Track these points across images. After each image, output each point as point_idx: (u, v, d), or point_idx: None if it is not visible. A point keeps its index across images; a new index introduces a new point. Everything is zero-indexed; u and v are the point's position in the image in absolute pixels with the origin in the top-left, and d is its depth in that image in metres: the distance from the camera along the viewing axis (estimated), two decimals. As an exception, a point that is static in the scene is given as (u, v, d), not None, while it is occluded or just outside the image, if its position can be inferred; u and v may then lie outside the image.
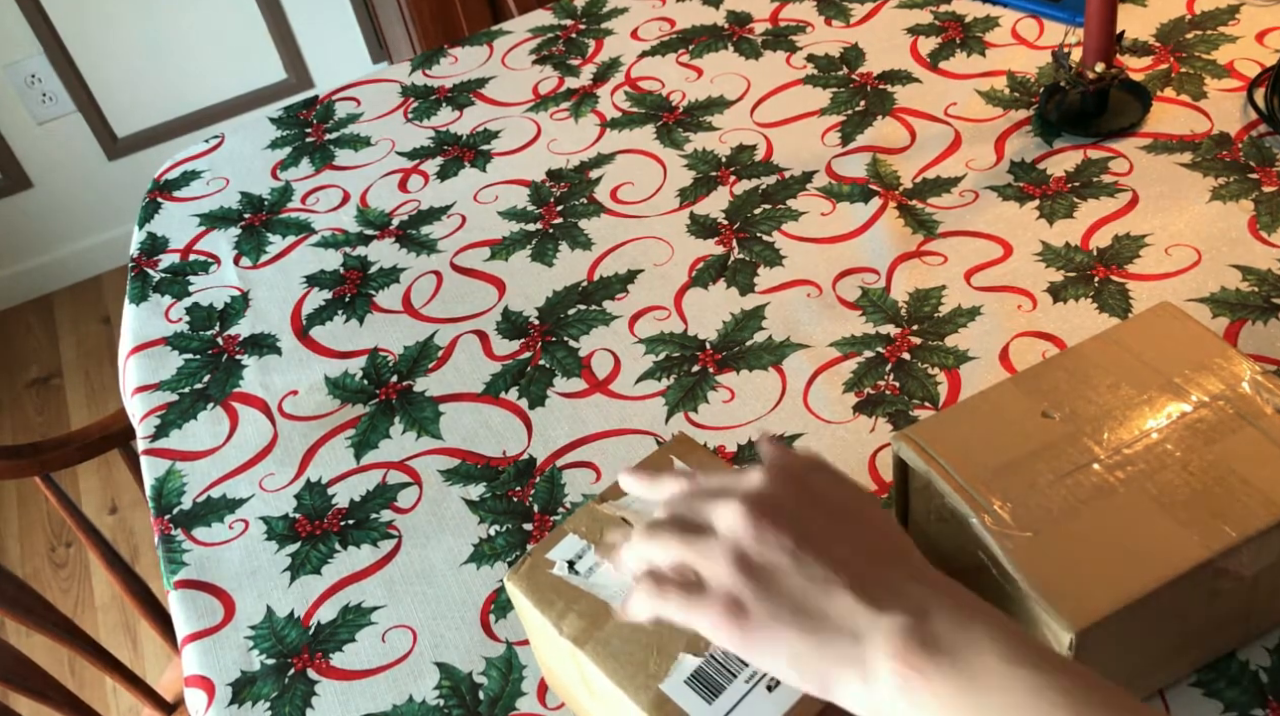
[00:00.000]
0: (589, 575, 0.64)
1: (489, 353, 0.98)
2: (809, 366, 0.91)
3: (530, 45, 1.31)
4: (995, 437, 0.68)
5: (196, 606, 0.85)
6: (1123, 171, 1.01)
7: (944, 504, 0.67)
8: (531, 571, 0.64)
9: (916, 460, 0.68)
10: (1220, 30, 1.13)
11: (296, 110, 1.30)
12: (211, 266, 1.13)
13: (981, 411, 0.70)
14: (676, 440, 0.69)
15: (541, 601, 0.63)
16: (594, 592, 0.63)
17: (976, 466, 0.66)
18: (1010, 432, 0.68)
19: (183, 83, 2.51)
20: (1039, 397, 0.70)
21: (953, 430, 0.69)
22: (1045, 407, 0.69)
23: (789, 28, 1.26)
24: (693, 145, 1.13)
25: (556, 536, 0.66)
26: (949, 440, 0.68)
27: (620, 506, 0.66)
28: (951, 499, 0.66)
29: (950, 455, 0.67)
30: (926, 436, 0.69)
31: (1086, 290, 0.92)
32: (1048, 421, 0.68)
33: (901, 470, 0.72)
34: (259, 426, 0.96)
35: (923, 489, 0.70)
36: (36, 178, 2.50)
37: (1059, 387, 0.70)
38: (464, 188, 1.14)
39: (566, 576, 0.64)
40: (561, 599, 0.63)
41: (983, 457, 0.67)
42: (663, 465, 0.68)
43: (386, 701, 0.77)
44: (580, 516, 0.66)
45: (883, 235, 1.00)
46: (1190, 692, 0.68)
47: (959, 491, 0.65)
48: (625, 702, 0.59)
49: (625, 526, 0.65)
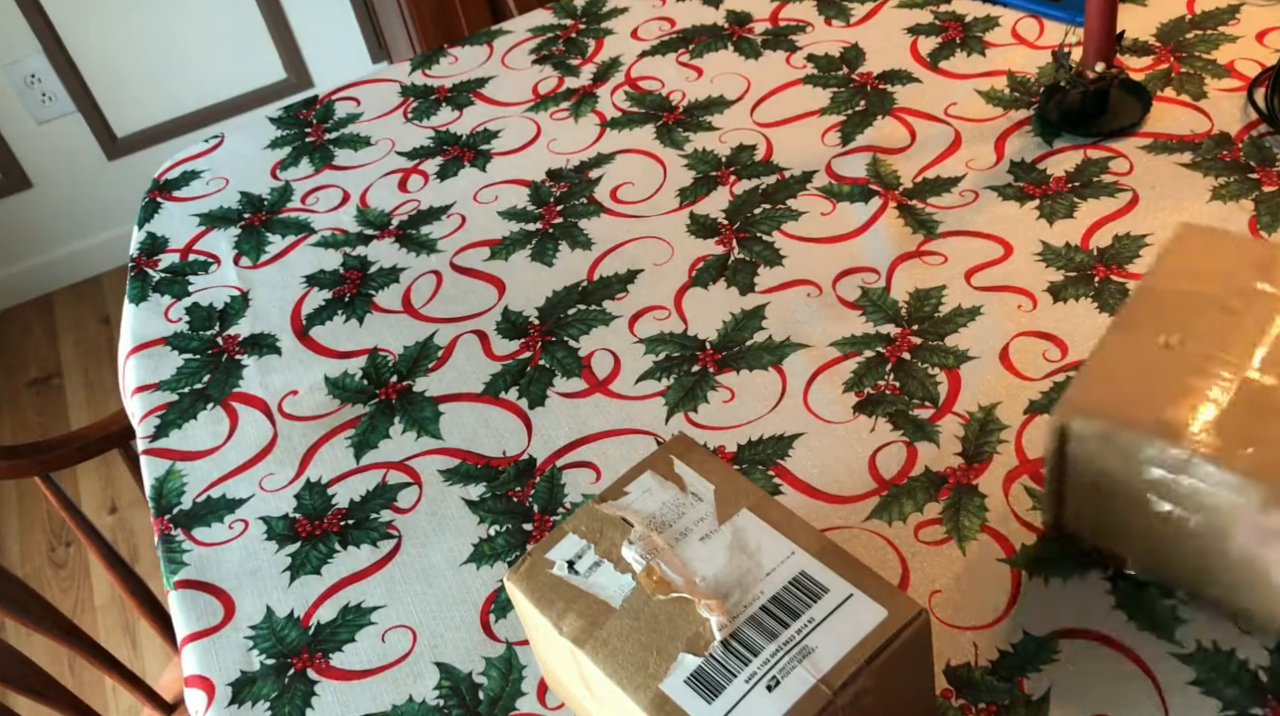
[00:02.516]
0: (589, 575, 0.64)
1: (489, 353, 0.98)
2: (809, 366, 0.91)
3: (530, 45, 1.31)
4: (1145, 380, 0.67)
5: (196, 606, 0.85)
6: (1123, 171, 1.01)
7: (1138, 457, 0.66)
8: (531, 571, 0.64)
9: (1095, 426, 0.67)
10: (1220, 30, 1.13)
11: (296, 110, 1.30)
12: (211, 266, 1.12)
13: (1110, 362, 0.70)
14: (675, 440, 0.69)
15: (541, 601, 0.63)
16: (594, 592, 0.63)
17: (1152, 407, 0.66)
18: (1153, 371, 0.67)
19: (182, 83, 2.51)
20: (1148, 336, 0.70)
21: (1104, 389, 0.68)
22: (1162, 340, 0.69)
23: (789, 27, 1.26)
24: (693, 145, 1.13)
25: (556, 536, 0.66)
26: (1111, 398, 0.67)
27: (620, 506, 0.66)
28: (1150, 446, 0.65)
29: (1125, 410, 0.66)
30: (1090, 405, 0.68)
31: (1086, 290, 0.92)
32: (1173, 351, 0.68)
33: (1060, 445, 0.70)
34: (259, 426, 0.96)
35: (1094, 457, 0.69)
36: (36, 178, 2.50)
37: (1157, 324, 0.70)
38: (464, 187, 1.14)
39: (566, 576, 0.64)
40: (561, 599, 0.63)
41: (1151, 400, 0.66)
42: (662, 466, 0.68)
43: (386, 701, 0.77)
44: (580, 516, 0.66)
45: (883, 235, 1.00)
46: (1189, 692, 0.68)
47: (1159, 436, 0.64)
48: (625, 702, 0.59)
49: (625, 526, 0.65)
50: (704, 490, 0.67)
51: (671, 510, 0.66)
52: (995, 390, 0.86)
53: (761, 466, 0.84)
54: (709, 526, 0.65)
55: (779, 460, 0.85)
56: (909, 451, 0.83)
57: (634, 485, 0.68)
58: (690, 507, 0.66)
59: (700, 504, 0.66)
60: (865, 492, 0.81)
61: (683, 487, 0.67)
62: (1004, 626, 0.73)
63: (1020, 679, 0.70)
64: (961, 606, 0.74)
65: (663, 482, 0.67)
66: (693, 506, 0.66)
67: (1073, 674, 0.70)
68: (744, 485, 0.67)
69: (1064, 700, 0.68)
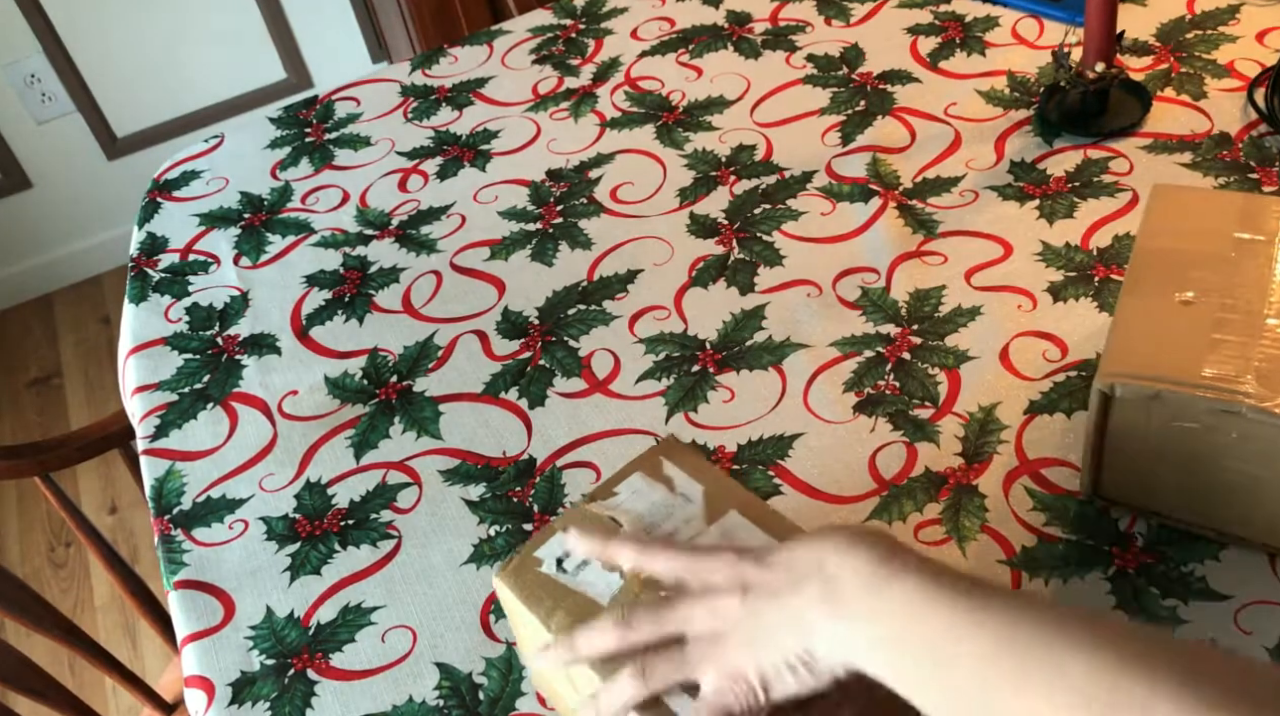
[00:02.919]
0: (577, 573, 0.64)
1: (489, 353, 0.98)
2: (809, 366, 0.91)
3: (530, 45, 1.31)
4: (1174, 339, 0.70)
5: (196, 606, 0.85)
6: (1123, 171, 1.01)
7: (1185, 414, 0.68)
8: (520, 569, 0.65)
9: (1140, 389, 0.68)
10: (1220, 30, 1.13)
11: (296, 110, 1.29)
12: (211, 266, 1.12)
13: (1136, 325, 0.72)
14: (665, 442, 0.70)
15: (530, 598, 0.63)
16: (582, 591, 0.63)
17: (1191, 364, 0.68)
18: (1179, 329, 0.70)
19: (182, 83, 2.51)
20: (1163, 296, 0.72)
21: (1137, 351, 0.70)
22: (1179, 298, 0.72)
23: (789, 27, 1.26)
24: (693, 145, 1.13)
25: (545, 534, 0.66)
26: (1145, 360, 0.69)
27: (609, 506, 0.66)
28: (1199, 402, 0.67)
29: (1165, 370, 0.68)
30: (1125, 368, 0.69)
31: (1086, 290, 0.92)
32: (1192, 307, 0.71)
33: (1103, 411, 0.71)
34: (259, 426, 0.96)
35: (1139, 419, 0.70)
36: (36, 178, 2.50)
37: (1165, 283, 0.73)
38: (464, 187, 1.14)
39: (555, 574, 0.64)
40: (550, 596, 0.63)
41: (1188, 357, 0.69)
42: (650, 467, 0.68)
43: (386, 701, 0.76)
44: (570, 516, 0.67)
45: (883, 235, 1.00)
46: (1190, 692, 0.68)
47: (1205, 392, 0.67)
48: None
49: (614, 526, 0.65)
50: (693, 491, 0.67)
51: (660, 510, 0.66)
52: (995, 390, 0.86)
53: (761, 466, 0.84)
54: (697, 527, 0.65)
55: (779, 460, 0.85)
56: (909, 451, 0.83)
57: (623, 486, 0.68)
58: (679, 508, 0.66)
59: (689, 505, 0.66)
60: (865, 493, 0.81)
61: (671, 488, 0.67)
62: (1004, 626, 0.73)
63: (1020, 679, 0.70)
64: (961, 606, 0.74)
65: (651, 483, 0.67)
66: (681, 507, 0.66)
67: (1073, 674, 0.70)
68: (732, 487, 0.67)
69: (1064, 700, 0.68)
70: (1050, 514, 0.78)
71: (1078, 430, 0.82)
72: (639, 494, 0.67)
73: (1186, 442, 0.70)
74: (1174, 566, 0.74)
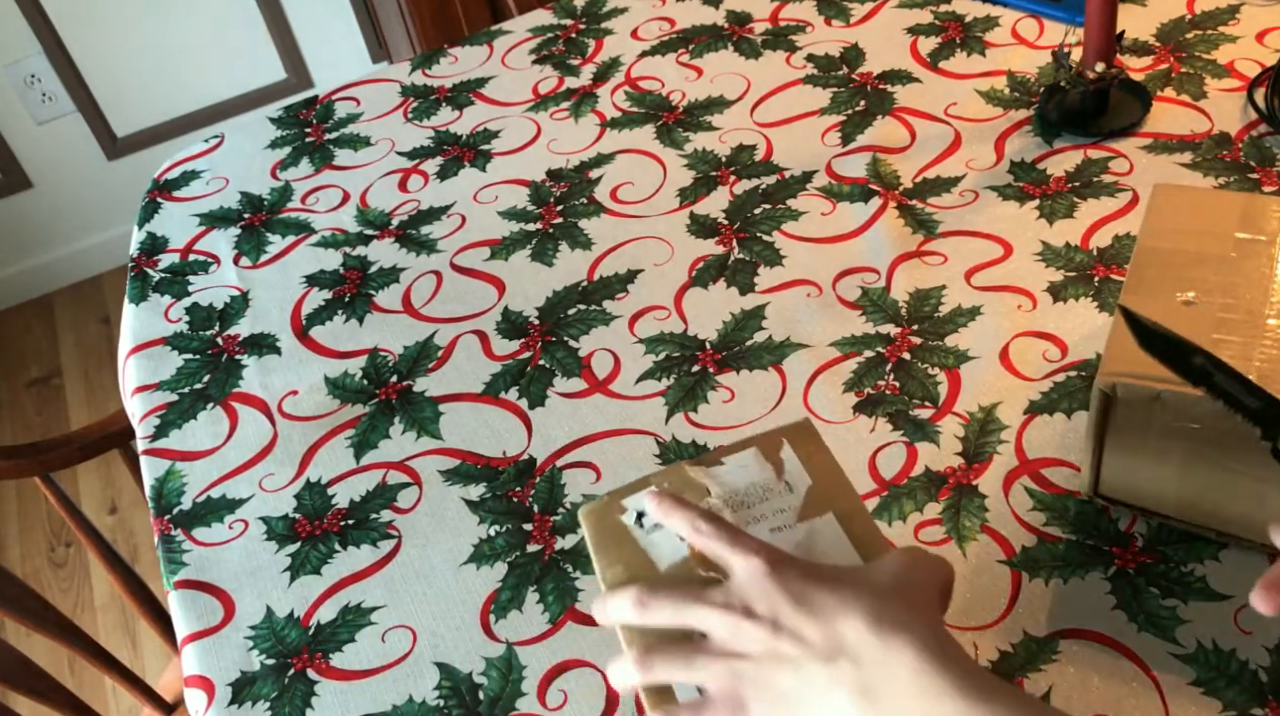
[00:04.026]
0: (651, 531, 0.63)
1: (489, 353, 0.98)
2: (809, 366, 0.91)
3: (530, 45, 1.31)
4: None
5: (196, 606, 0.85)
6: (1123, 171, 1.01)
7: (1186, 414, 0.68)
8: (603, 512, 0.65)
9: (1142, 389, 0.68)
10: (1220, 30, 1.13)
11: (296, 110, 1.30)
12: (211, 266, 1.12)
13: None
14: (797, 425, 0.68)
15: (599, 543, 0.63)
16: (647, 550, 0.63)
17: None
18: (1180, 330, 0.68)
19: (183, 83, 2.51)
20: (1165, 296, 0.72)
21: (1138, 351, 0.69)
22: (1180, 298, 0.72)
23: (789, 27, 1.26)
24: (693, 145, 1.13)
25: (639, 485, 0.65)
26: (1146, 360, 0.68)
27: (710, 473, 0.65)
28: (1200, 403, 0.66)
29: (1163, 368, 0.67)
30: (1126, 368, 0.69)
31: (1086, 290, 0.92)
32: (1193, 307, 0.71)
33: (1104, 410, 0.71)
34: (259, 426, 0.96)
35: (1140, 419, 0.70)
36: (36, 178, 2.50)
37: (1166, 283, 0.73)
38: (464, 187, 1.14)
39: (631, 526, 0.64)
40: (615, 547, 0.63)
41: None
42: (770, 447, 0.66)
43: (386, 701, 0.77)
44: (669, 473, 0.66)
45: (883, 235, 1.00)
46: (1190, 691, 0.68)
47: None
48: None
49: (705, 493, 0.64)
50: (799, 482, 0.64)
51: (757, 493, 0.64)
52: (995, 390, 0.86)
53: (761, 466, 0.84)
54: (786, 520, 0.63)
55: (779, 460, 0.84)
56: (909, 451, 0.83)
57: (734, 457, 0.66)
58: (778, 496, 0.64)
59: (789, 496, 0.64)
60: (865, 493, 0.81)
61: (780, 473, 0.65)
62: (1004, 626, 0.73)
63: (1020, 679, 0.70)
64: (962, 606, 0.74)
65: (762, 463, 0.65)
66: (780, 496, 0.64)
67: (1073, 674, 0.70)
68: (843, 490, 0.64)
69: (1064, 700, 0.68)
70: (1050, 514, 0.78)
71: (1078, 430, 0.82)
72: (745, 469, 0.65)
73: (1187, 443, 0.70)
74: (1174, 566, 0.74)
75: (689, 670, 0.56)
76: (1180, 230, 0.77)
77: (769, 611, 0.55)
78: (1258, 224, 0.76)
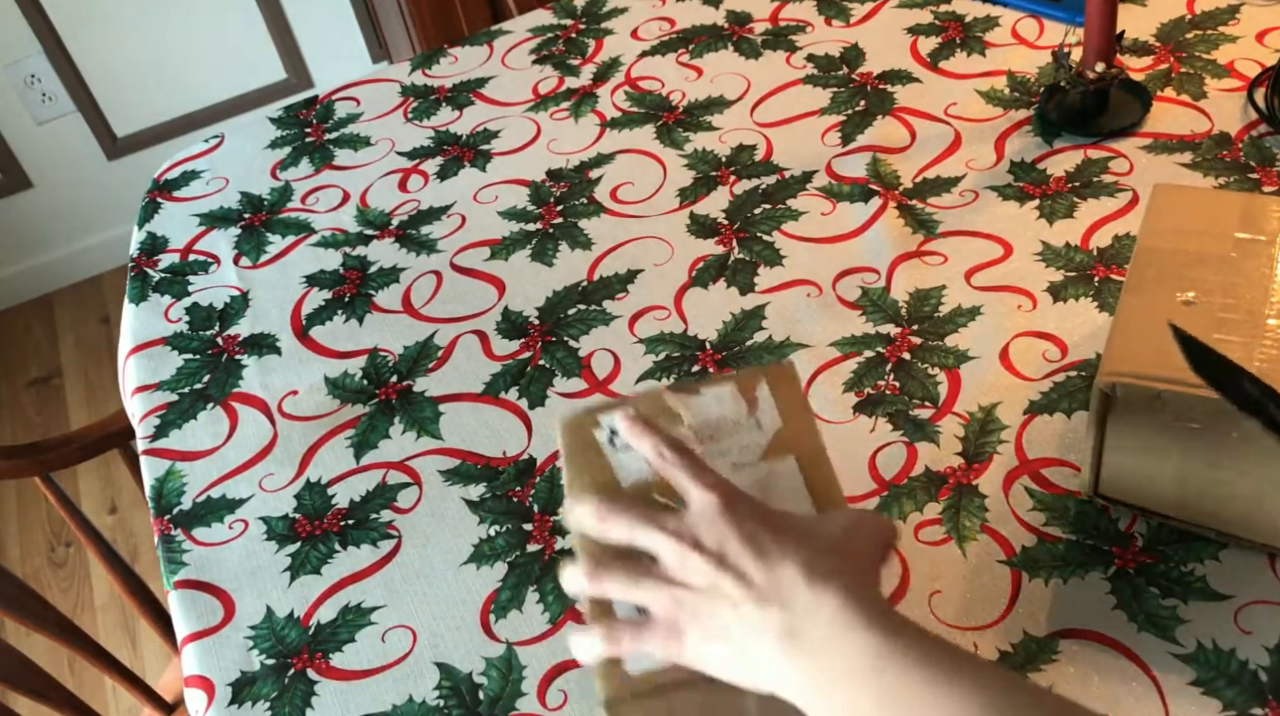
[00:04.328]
0: (621, 451, 0.64)
1: (489, 353, 0.98)
2: (809, 366, 0.91)
3: (530, 45, 1.31)
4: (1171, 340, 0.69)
5: (196, 606, 0.85)
6: (1123, 171, 1.01)
7: (1186, 414, 0.68)
8: (578, 426, 0.65)
9: (1142, 389, 0.68)
10: (1220, 30, 1.13)
11: (296, 110, 1.30)
12: (211, 266, 1.12)
13: (1137, 325, 0.72)
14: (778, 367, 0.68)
15: (569, 456, 0.64)
16: (615, 469, 0.63)
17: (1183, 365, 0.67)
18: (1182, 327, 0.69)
19: (182, 83, 2.51)
20: (1165, 296, 0.72)
21: (1138, 351, 0.70)
22: (1180, 298, 0.72)
23: (789, 27, 1.26)
24: (693, 145, 1.13)
25: (618, 404, 0.65)
26: (1147, 359, 0.69)
27: (684, 402, 0.65)
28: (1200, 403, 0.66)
29: (1168, 370, 0.67)
30: (1126, 368, 0.69)
31: (1086, 290, 0.92)
32: (1194, 307, 0.71)
33: (1104, 410, 0.71)
34: (259, 426, 0.96)
35: (1140, 419, 0.70)
36: (36, 178, 2.50)
37: (1166, 283, 0.73)
38: (464, 187, 1.14)
39: (603, 443, 0.64)
40: (584, 459, 0.64)
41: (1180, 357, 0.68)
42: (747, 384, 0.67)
43: (386, 701, 0.77)
44: (647, 397, 0.66)
45: (883, 235, 1.00)
46: (1189, 691, 0.68)
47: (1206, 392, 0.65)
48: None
49: (676, 420, 0.65)
50: (769, 422, 0.64)
51: (728, 426, 0.64)
52: (995, 390, 0.86)
53: (761, 466, 0.84)
54: (749, 457, 0.63)
55: (779, 460, 0.84)
56: (909, 451, 0.83)
57: (710, 389, 0.66)
58: (746, 432, 0.64)
59: (756, 433, 0.64)
60: (865, 493, 0.81)
61: (752, 410, 0.65)
62: (1004, 626, 0.73)
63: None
64: (962, 606, 0.74)
65: (737, 399, 0.65)
66: (748, 432, 0.64)
67: (1073, 674, 0.70)
68: (810, 439, 0.64)
69: (1064, 700, 0.68)
70: (1050, 514, 0.78)
71: (1078, 430, 0.82)
72: (719, 401, 0.65)
73: (1187, 443, 0.70)
74: (1174, 566, 0.74)
75: (635, 590, 0.58)
76: (1180, 230, 0.77)
77: (716, 546, 0.56)
78: (1258, 224, 0.76)
